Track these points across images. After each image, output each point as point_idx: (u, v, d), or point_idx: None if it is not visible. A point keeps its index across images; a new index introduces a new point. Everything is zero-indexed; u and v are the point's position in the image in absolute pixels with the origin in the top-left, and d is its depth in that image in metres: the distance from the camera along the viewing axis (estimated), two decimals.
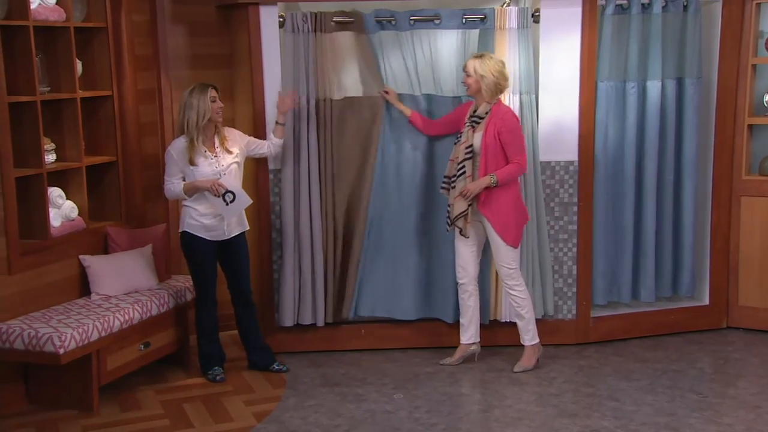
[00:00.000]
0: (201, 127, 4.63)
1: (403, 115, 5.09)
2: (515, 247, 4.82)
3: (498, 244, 4.81)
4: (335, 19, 5.01)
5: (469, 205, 4.76)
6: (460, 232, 4.81)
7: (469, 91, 4.79)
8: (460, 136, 4.79)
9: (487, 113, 4.73)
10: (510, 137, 4.69)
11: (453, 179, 4.80)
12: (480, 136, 4.72)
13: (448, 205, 4.85)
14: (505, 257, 4.83)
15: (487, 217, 4.78)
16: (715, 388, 4.73)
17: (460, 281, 4.99)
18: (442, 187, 4.90)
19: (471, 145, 4.74)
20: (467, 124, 4.78)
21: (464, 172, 4.74)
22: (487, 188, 4.72)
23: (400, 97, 5.11)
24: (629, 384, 4.75)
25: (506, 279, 4.89)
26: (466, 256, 4.93)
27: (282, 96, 4.94)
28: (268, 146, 4.95)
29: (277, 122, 4.94)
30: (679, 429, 4.16)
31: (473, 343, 5.06)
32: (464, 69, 4.78)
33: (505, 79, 4.75)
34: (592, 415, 4.36)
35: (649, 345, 5.38)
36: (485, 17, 5.05)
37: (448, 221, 4.85)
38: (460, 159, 4.76)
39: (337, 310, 5.27)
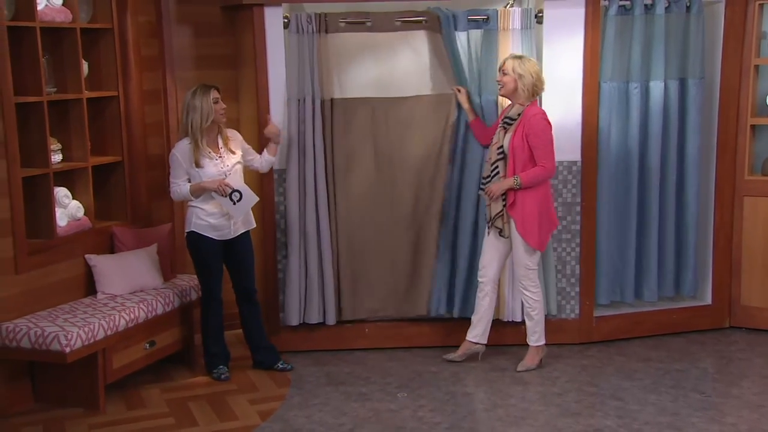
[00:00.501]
0: (204, 128, 4.66)
1: (468, 116, 5.10)
2: (538, 251, 4.84)
3: (518, 244, 4.83)
4: (401, 18, 5.04)
5: (504, 206, 4.79)
6: (500, 233, 4.84)
7: (503, 90, 4.78)
8: (494, 138, 4.85)
9: (519, 115, 4.75)
10: (537, 140, 4.70)
11: (487, 180, 4.85)
12: (509, 138, 4.75)
13: (487, 206, 4.90)
14: (524, 258, 4.85)
15: (513, 218, 4.81)
16: (718, 387, 4.75)
17: (480, 279, 5.01)
18: (480, 188, 4.95)
19: (502, 146, 4.78)
20: (500, 125, 4.82)
21: (497, 173, 4.79)
22: (513, 190, 4.75)
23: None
24: (632, 383, 4.77)
25: (522, 279, 4.90)
26: (490, 256, 4.95)
27: (271, 124, 4.95)
28: (260, 160, 4.95)
29: (271, 141, 4.96)
30: (682, 428, 4.18)
31: (478, 343, 5.07)
32: (501, 68, 4.78)
33: (542, 82, 4.76)
34: (596, 414, 4.38)
35: (652, 344, 5.39)
36: (488, 18, 5.07)
37: (488, 222, 4.90)
38: (492, 160, 4.81)
39: (365, 307, 5.33)
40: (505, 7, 5.11)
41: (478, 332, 5.05)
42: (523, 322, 5.07)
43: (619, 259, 5.47)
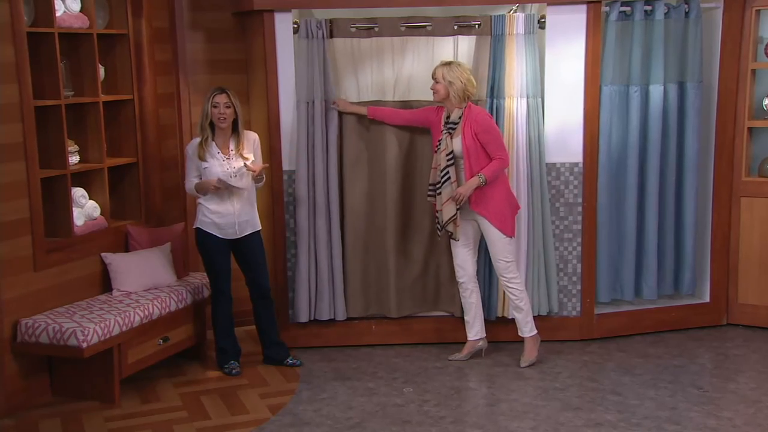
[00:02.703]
0: (206, 126, 4.74)
1: (364, 114, 5.15)
2: (512, 238, 4.91)
3: (495, 238, 4.89)
4: (406, 24, 5.12)
5: (458, 209, 4.84)
6: (451, 236, 4.88)
7: (436, 97, 4.85)
8: (440, 144, 4.86)
9: (460, 118, 4.81)
10: (488, 136, 4.77)
11: (438, 186, 4.87)
12: (459, 141, 4.80)
13: (436, 212, 4.93)
14: (503, 251, 4.91)
15: (482, 215, 4.86)
16: (716, 383, 4.79)
17: (459, 280, 5.06)
18: (429, 195, 4.99)
19: (452, 152, 4.81)
20: (443, 131, 4.84)
21: (449, 178, 4.81)
22: (477, 188, 4.81)
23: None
24: (632, 379, 4.82)
25: (504, 272, 4.95)
26: (462, 255, 5.01)
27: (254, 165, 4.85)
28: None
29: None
30: (680, 423, 4.23)
31: (480, 339, 5.13)
32: (432, 76, 4.85)
33: (473, 85, 4.81)
34: (596, 409, 4.43)
35: (651, 341, 5.44)
36: (480, 24, 5.13)
37: (438, 227, 4.92)
38: (442, 166, 4.82)
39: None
40: (510, 12, 5.17)
41: (477, 329, 5.11)
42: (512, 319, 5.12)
43: (619, 258, 5.52)
